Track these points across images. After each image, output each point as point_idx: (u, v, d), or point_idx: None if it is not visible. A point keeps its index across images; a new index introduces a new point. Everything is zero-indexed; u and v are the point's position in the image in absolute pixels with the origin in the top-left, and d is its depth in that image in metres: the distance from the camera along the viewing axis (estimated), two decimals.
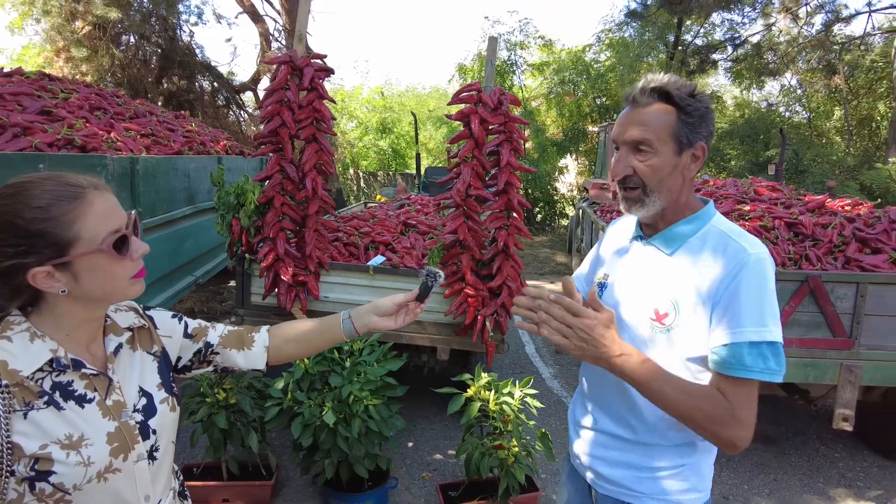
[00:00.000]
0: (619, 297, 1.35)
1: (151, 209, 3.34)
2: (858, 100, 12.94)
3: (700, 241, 1.25)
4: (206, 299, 6.94)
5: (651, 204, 1.25)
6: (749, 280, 1.15)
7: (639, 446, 1.32)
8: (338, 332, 1.29)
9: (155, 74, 9.80)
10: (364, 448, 2.73)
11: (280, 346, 1.29)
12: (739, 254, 1.18)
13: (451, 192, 3.16)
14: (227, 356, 1.25)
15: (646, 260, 1.32)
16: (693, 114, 1.21)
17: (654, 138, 1.21)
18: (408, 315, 1.32)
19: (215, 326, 1.26)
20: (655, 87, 1.22)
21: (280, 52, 3.26)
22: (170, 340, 1.18)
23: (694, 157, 1.25)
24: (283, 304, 3.27)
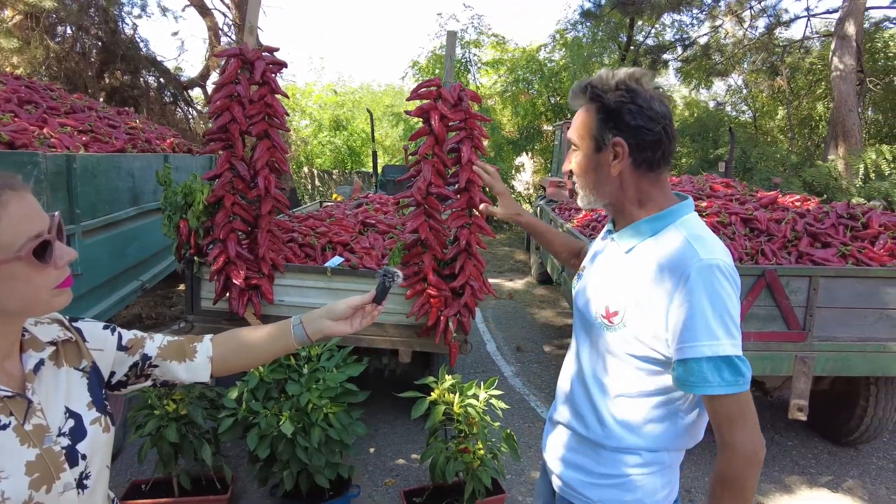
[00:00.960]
0: (583, 288, 1.37)
1: (92, 211, 3.13)
2: (799, 100, 13.54)
3: (656, 242, 1.19)
4: (154, 304, 6.63)
5: (585, 197, 1.29)
6: (698, 289, 1.09)
7: (590, 445, 1.30)
8: (289, 340, 1.20)
9: (95, 69, 9.30)
10: (324, 457, 2.62)
11: (225, 355, 1.19)
12: (690, 260, 1.11)
13: (412, 190, 3.07)
14: (166, 369, 1.14)
15: (607, 255, 1.32)
16: (605, 109, 1.19)
17: (576, 137, 1.26)
18: (364, 318, 1.23)
19: (153, 337, 1.16)
20: (585, 86, 1.23)
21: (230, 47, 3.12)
22: (101, 354, 1.06)
23: (614, 154, 1.20)
24: (235, 308, 3.11)
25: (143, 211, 3.92)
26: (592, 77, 1.23)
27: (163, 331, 5.83)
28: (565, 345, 5.77)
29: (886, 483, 3.52)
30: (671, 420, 1.23)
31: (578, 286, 1.39)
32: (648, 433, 1.23)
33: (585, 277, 1.38)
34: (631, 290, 1.19)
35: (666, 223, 1.21)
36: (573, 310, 1.44)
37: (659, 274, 1.15)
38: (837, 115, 9.14)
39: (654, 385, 1.21)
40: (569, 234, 5.21)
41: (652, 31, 13.73)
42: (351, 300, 1.21)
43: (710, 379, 1.08)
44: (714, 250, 1.13)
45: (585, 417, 1.30)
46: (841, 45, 9.00)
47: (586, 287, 1.34)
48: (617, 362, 1.23)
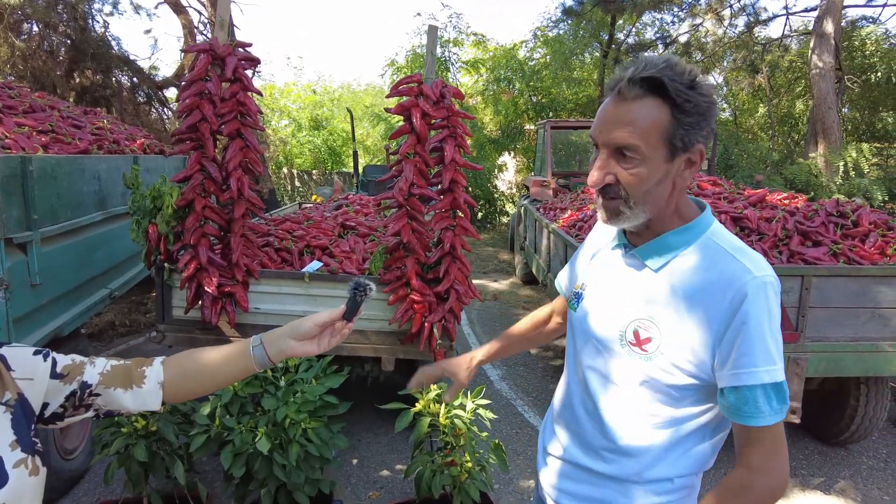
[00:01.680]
0: (593, 310, 1.20)
1: (52, 216, 2.94)
2: (779, 98, 13.66)
3: (692, 257, 1.06)
4: (128, 311, 6.41)
5: (633, 217, 1.06)
6: (757, 311, 0.98)
7: (610, 480, 1.18)
8: (247, 362, 1.07)
9: (64, 68, 8.97)
10: (304, 474, 2.48)
11: (178, 380, 1.06)
12: (743, 277, 1.00)
13: (393, 191, 2.94)
14: (110, 397, 1.00)
15: (627, 273, 1.15)
16: (692, 112, 0.98)
17: (643, 144, 0.99)
18: (333, 337, 1.11)
19: (94, 362, 1.01)
20: (647, 77, 0.98)
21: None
22: (30, 384, 0.92)
23: (689, 163, 1.04)
24: (207, 317, 2.95)
25: (111, 216, 3.73)
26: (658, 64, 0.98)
27: (136, 339, 5.63)
28: (552, 346, 5.68)
29: (878, 483, 3.48)
30: (700, 444, 1.13)
31: (583, 307, 1.22)
32: (680, 461, 1.13)
33: (591, 297, 1.21)
34: (668, 314, 1.05)
35: (696, 234, 1.08)
36: (572, 333, 1.27)
37: (706, 294, 1.02)
38: (817, 113, 9.21)
39: (688, 412, 1.10)
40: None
41: (633, 29, 13.73)
42: (317, 316, 1.08)
43: (762, 408, 0.98)
44: (763, 265, 1.03)
45: (603, 454, 1.18)
46: (820, 43, 9.06)
47: (597, 308, 1.19)
48: (648, 393, 1.10)
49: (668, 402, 1.09)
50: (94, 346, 5.31)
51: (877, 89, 11.06)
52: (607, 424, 1.15)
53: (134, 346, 5.41)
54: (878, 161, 9.47)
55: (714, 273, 1.02)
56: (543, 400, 4.50)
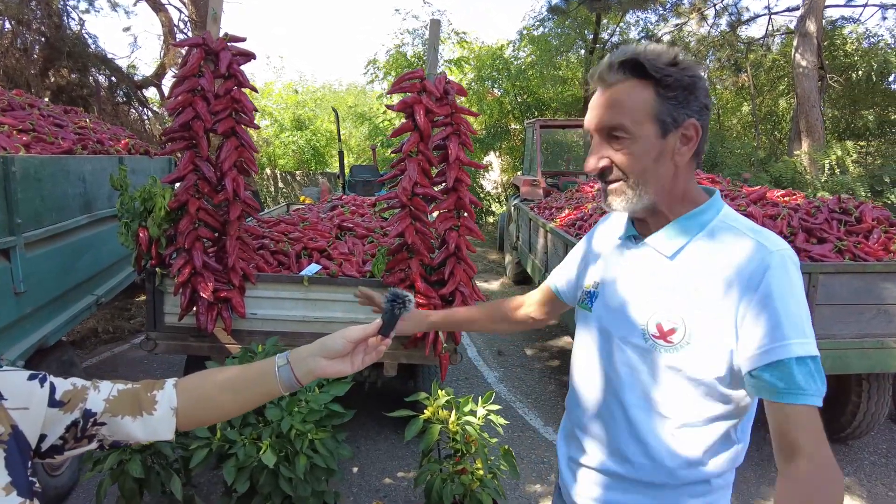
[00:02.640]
0: (611, 307, 1.15)
1: (36, 219, 2.79)
2: (763, 97, 13.83)
3: (707, 240, 1.04)
4: (111, 317, 6.19)
5: (638, 198, 1.04)
6: (780, 283, 0.95)
7: (642, 486, 1.12)
8: (272, 384, 0.96)
9: (39, 66, 8.69)
10: (310, 486, 2.38)
11: (194, 406, 0.94)
12: (760, 252, 0.97)
13: (396, 190, 2.85)
14: (117, 426, 0.89)
15: (642, 265, 1.11)
16: (675, 86, 0.99)
17: (630, 122, 1.00)
18: (368, 354, 1.02)
19: (98, 387, 0.89)
20: (626, 60, 1.00)
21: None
22: (25, 414, 0.80)
23: (685, 139, 1.02)
24: (203, 324, 2.83)
25: (97, 219, 3.57)
26: (638, 48, 1.01)
27: (121, 346, 5.44)
28: (548, 346, 5.63)
29: (881, 479, 3.48)
30: (732, 438, 1.09)
31: (599, 306, 1.17)
32: (714, 460, 1.08)
33: (607, 294, 1.16)
34: (691, 300, 1.01)
35: (709, 218, 1.06)
36: (588, 334, 1.21)
37: (727, 274, 0.98)
38: (801, 112, 9.31)
39: (720, 407, 1.05)
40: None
41: (617, 28, 13.79)
42: (351, 332, 0.99)
43: (804, 386, 0.91)
44: (779, 241, 1.01)
45: (633, 458, 1.11)
46: (802, 42, 9.16)
47: (615, 305, 1.13)
48: (679, 388, 1.04)
49: (700, 397, 1.04)
50: (78, 353, 5.11)
51: (857, 88, 11.26)
52: (637, 426, 1.10)
53: (118, 354, 5.22)
54: (859, 158, 9.61)
55: (732, 253, 1.00)
56: (543, 402, 4.44)
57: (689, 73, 1.00)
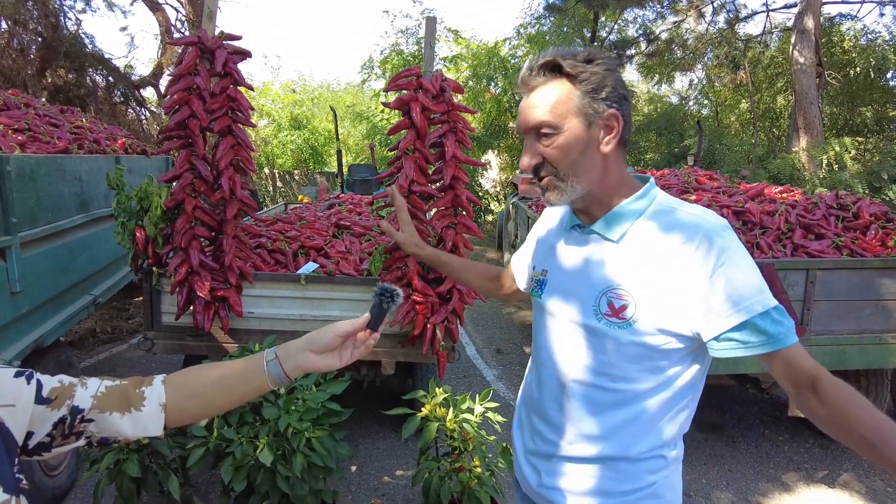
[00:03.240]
0: (561, 292, 1.20)
1: (32, 219, 2.78)
2: (761, 94, 13.83)
3: (650, 222, 1.10)
4: (109, 317, 6.19)
5: (569, 188, 1.10)
6: (728, 250, 1.02)
7: (601, 466, 1.16)
8: (261, 379, 0.96)
9: (36, 66, 8.66)
10: (307, 485, 2.37)
11: (183, 402, 0.94)
12: (702, 226, 1.05)
13: (393, 188, 2.84)
14: (105, 423, 0.88)
15: (588, 251, 1.16)
16: (591, 80, 1.06)
17: (553, 117, 1.07)
18: (356, 349, 1.01)
19: (86, 383, 0.89)
20: (543, 63, 1.08)
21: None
22: (12, 411, 0.79)
23: (608, 129, 1.08)
24: (200, 323, 2.82)
25: (94, 218, 3.56)
26: (554, 53, 1.07)
27: (119, 346, 5.44)
28: None
29: (880, 475, 3.48)
30: (683, 409, 1.15)
31: (549, 292, 1.22)
32: (668, 429, 1.14)
33: (556, 280, 1.22)
34: (640, 277, 1.07)
35: (648, 202, 1.13)
36: (541, 321, 1.25)
37: (672, 251, 1.05)
38: (799, 108, 9.31)
39: (671, 375, 1.10)
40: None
41: (615, 26, 13.77)
42: (339, 326, 0.98)
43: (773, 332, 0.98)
44: (715, 215, 1.09)
45: (591, 436, 1.15)
46: (800, 39, 9.15)
47: (565, 290, 1.19)
48: (633, 362, 1.09)
49: (653, 368, 1.09)
50: (76, 354, 5.10)
51: (855, 84, 11.25)
52: (594, 405, 1.14)
53: (116, 354, 5.22)
54: (857, 155, 9.61)
55: (675, 230, 1.06)
56: None
57: (603, 67, 1.07)
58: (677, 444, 1.18)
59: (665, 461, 1.15)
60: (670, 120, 12.58)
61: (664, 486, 1.16)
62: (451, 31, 14.25)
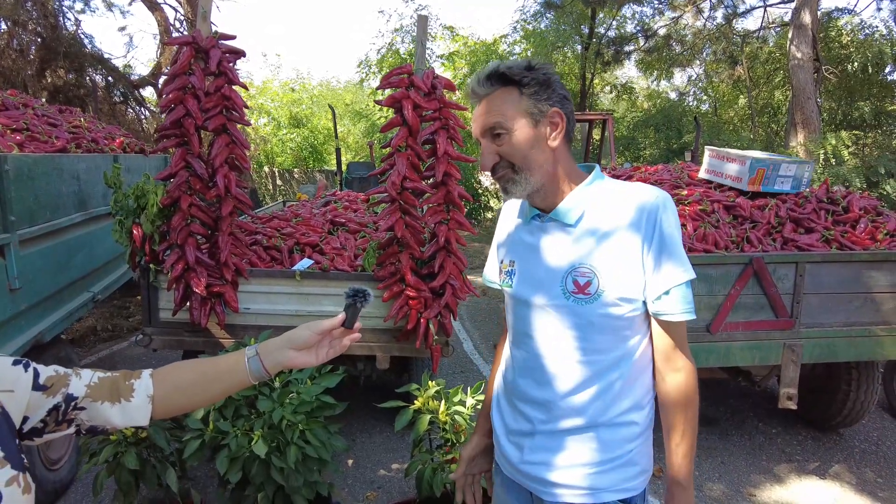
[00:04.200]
0: (529, 278, 1.29)
1: (30, 217, 2.83)
2: (759, 89, 13.83)
3: (601, 203, 1.23)
4: (110, 315, 6.25)
5: (524, 181, 1.22)
6: (668, 222, 1.17)
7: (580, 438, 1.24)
8: (242, 375, 1.02)
9: (36, 67, 8.71)
10: (302, 477, 2.41)
11: (169, 394, 0.99)
12: (649, 200, 1.19)
13: (385, 185, 2.88)
14: (96, 412, 0.93)
15: (549, 237, 1.27)
16: (533, 84, 1.19)
17: (504, 119, 1.19)
18: (332, 347, 1.07)
19: (80, 373, 0.94)
20: (489, 74, 1.21)
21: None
22: (11, 397, 0.84)
23: (553, 125, 1.21)
24: (196, 319, 2.87)
25: (92, 216, 3.61)
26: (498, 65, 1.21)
27: (119, 344, 5.49)
28: None
29: (871, 466, 3.52)
30: (649, 369, 1.27)
31: (518, 279, 1.32)
32: (638, 393, 1.25)
33: (524, 268, 1.31)
34: (599, 254, 1.19)
35: (596, 187, 1.25)
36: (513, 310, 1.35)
37: (623, 226, 1.18)
38: (796, 103, 9.32)
39: (636, 342, 1.23)
40: None
41: (613, 23, 13.77)
42: (316, 325, 1.04)
43: (685, 305, 1.18)
44: (657, 190, 1.22)
45: (572, 407, 1.24)
46: (798, 34, 9.16)
47: (533, 275, 1.29)
48: (601, 334, 1.21)
49: (621, 338, 1.21)
50: (76, 351, 5.16)
51: (853, 79, 11.25)
52: (570, 378, 1.23)
53: (117, 352, 5.27)
54: (855, 150, 9.62)
55: (624, 207, 1.19)
56: None
57: (542, 72, 1.20)
58: (648, 409, 1.28)
59: (638, 427, 1.25)
60: (668, 116, 12.59)
61: (640, 453, 1.26)
62: (448, 28, 14.25)
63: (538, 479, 1.29)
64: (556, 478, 1.26)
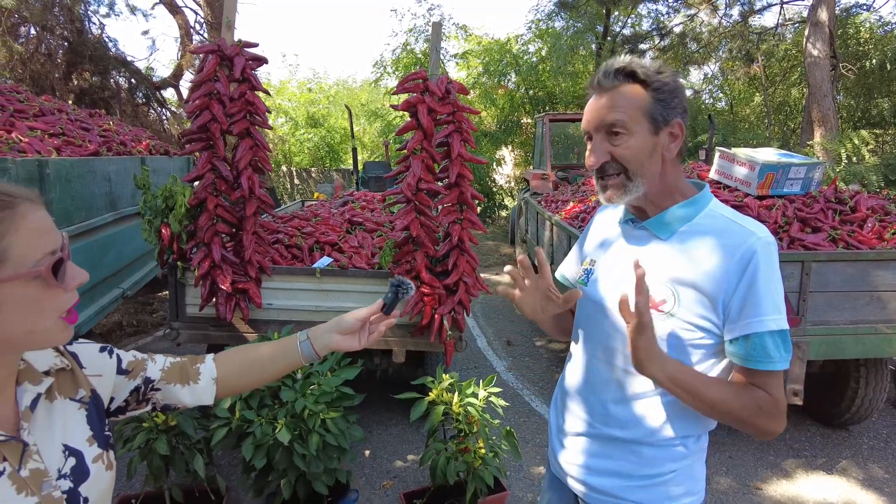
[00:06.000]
0: (607, 281, 1.27)
1: (67, 217, 3.00)
2: (775, 87, 13.71)
3: (699, 226, 1.18)
4: (134, 311, 6.46)
5: (635, 189, 1.17)
6: (765, 266, 1.10)
7: (625, 448, 1.24)
8: (295, 357, 1.14)
9: (62, 70, 8.99)
10: (322, 464, 2.55)
11: (229, 376, 1.13)
12: (749, 238, 1.11)
13: (401, 186, 3.00)
14: (169, 392, 1.06)
15: (636, 245, 1.25)
16: (664, 90, 1.14)
17: (628, 119, 1.13)
18: (371, 333, 1.19)
19: (154, 359, 1.07)
20: (620, 68, 1.15)
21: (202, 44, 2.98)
22: (100, 380, 0.97)
23: (672, 136, 1.17)
24: (222, 314, 3.01)
25: (122, 216, 3.78)
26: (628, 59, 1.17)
27: (144, 339, 5.69)
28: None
29: (879, 462, 3.56)
30: None
31: (595, 280, 1.30)
32: (692, 420, 1.21)
33: (603, 270, 1.29)
34: (679, 275, 1.15)
35: (700, 207, 1.20)
36: (584, 309, 1.34)
37: (716, 254, 1.12)
38: (812, 101, 9.25)
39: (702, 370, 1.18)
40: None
41: (629, 21, 13.74)
42: (358, 312, 1.16)
43: (772, 354, 1.09)
44: (765, 229, 1.15)
45: (620, 419, 1.24)
46: (814, 31, 9.10)
47: (611, 279, 1.26)
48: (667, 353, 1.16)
49: (686, 362, 1.16)
50: None
51: (871, 76, 11.12)
52: (625, 389, 1.22)
53: (142, 346, 5.47)
54: (874, 148, 9.52)
55: (721, 237, 1.14)
56: (550, 389, 4.57)
57: (673, 78, 1.16)
58: (701, 437, 1.24)
59: (687, 451, 1.21)
60: None
61: (685, 474, 1.23)
62: (461, 28, 14.30)
63: (579, 480, 1.32)
64: (596, 482, 1.28)
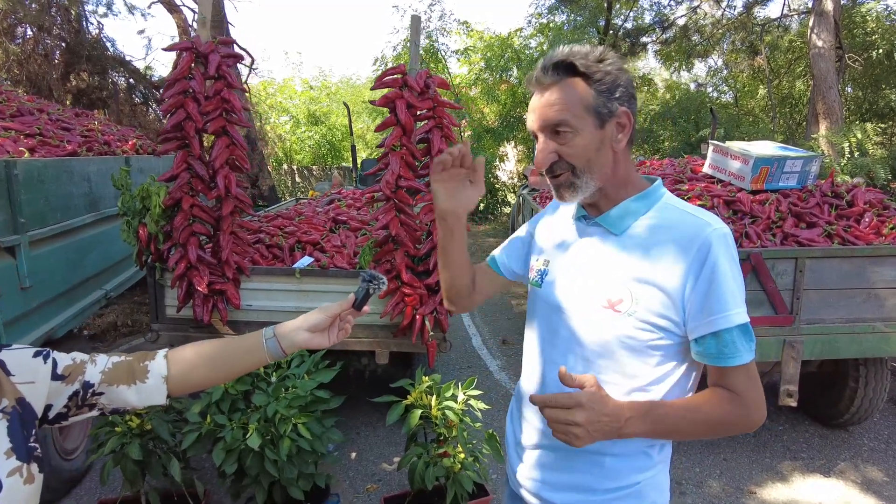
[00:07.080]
0: (563, 283, 1.20)
1: (41, 219, 2.95)
2: (780, 79, 13.50)
3: (653, 219, 1.12)
4: (130, 311, 6.44)
5: (584, 186, 1.12)
6: (724, 258, 1.04)
7: (586, 461, 1.16)
8: (260, 354, 1.08)
9: (60, 70, 8.99)
10: (296, 469, 2.49)
11: (185, 373, 1.06)
12: (704, 230, 1.06)
13: (380, 184, 2.93)
14: (114, 395, 1.00)
15: (591, 242, 1.18)
16: (605, 80, 1.08)
17: (571, 117, 1.07)
18: (341, 329, 1.14)
19: (95, 360, 1.01)
20: (558, 62, 1.08)
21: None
22: (32, 387, 0.91)
23: (619, 126, 1.11)
24: (199, 316, 2.96)
25: (104, 217, 3.73)
26: (567, 50, 1.09)
27: (139, 339, 5.66)
28: None
29: (878, 464, 3.46)
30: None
31: (549, 281, 1.22)
32: None
33: (558, 270, 1.22)
34: (638, 272, 1.09)
35: (653, 200, 1.15)
36: (538, 311, 1.26)
37: (671, 249, 1.07)
38: (817, 93, 9.09)
39: (663, 371, 1.11)
40: None
41: (630, 14, 13.58)
42: (328, 308, 1.11)
43: (740, 348, 1.04)
44: (719, 220, 1.10)
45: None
46: (819, 21, 8.93)
47: (566, 280, 1.19)
48: (626, 355, 1.10)
49: (646, 363, 1.10)
50: (97, 346, 5.35)
51: (879, 67, 10.91)
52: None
53: (136, 346, 5.44)
54: (882, 140, 9.34)
55: (676, 230, 1.08)
56: None
57: (615, 66, 1.09)
58: (665, 446, 1.18)
59: (651, 460, 1.15)
60: (685, 108, 12.37)
61: (649, 485, 1.16)
62: (462, 23, 14.19)
63: (537, 495, 1.24)
64: (555, 498, 1.20)
